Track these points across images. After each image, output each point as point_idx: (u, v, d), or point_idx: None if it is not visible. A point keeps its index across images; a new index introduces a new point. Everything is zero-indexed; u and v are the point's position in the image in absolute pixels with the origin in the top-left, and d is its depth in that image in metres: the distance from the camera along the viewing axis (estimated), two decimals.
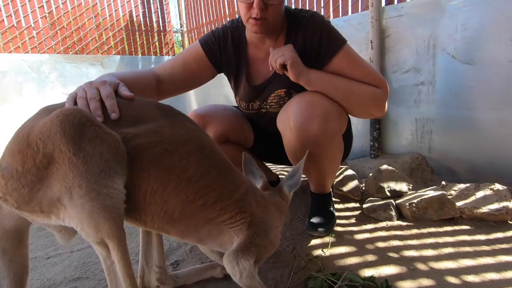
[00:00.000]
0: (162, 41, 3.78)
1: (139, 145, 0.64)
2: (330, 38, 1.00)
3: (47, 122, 0.56)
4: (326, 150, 1.01)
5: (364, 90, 1.00)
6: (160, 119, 0.69)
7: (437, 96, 1.71)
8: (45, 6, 3.12)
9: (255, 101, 1.16)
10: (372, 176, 1.30)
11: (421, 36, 1.72)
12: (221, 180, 0.71)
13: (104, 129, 0.60)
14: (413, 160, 1.78)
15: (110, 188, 0.56)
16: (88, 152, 0.56)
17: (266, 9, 0.93)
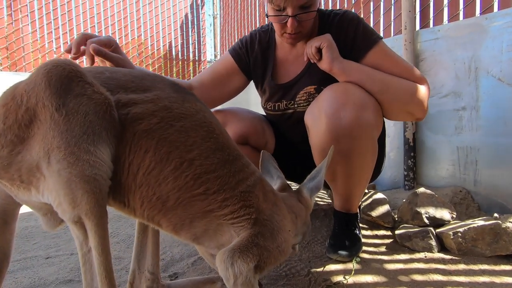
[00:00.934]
0: (197, 70, 3.99)
1: (137, 113, 0.57)
2: (365, 33, 0.96)
3: (34, 72, 0.52)
4: (359, 145, 0.88)
5: (404, 83, 0.91)
6: (170, 93, 0.62)
7: (482, 123, 1.53)
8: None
9: (281, 100, 1.10)
10: (407, 201, 1.13)
11: (460, 59, 1.61)
12: (228, 167, 0.61)
13: (95, 87, 0.54)
14: (456, 194, 1.56)
15: (92, 155, 0.49)
16: (71, 109, 0.50)
17: (299, 25, 0.93)
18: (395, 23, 1.92)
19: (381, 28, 1.99)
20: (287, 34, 0.95)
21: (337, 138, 0.87)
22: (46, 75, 0.50)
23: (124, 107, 0.57)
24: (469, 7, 1.60)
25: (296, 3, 0.90)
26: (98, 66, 0.65)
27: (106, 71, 0.61)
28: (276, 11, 0.93)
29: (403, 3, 1.76)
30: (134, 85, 0.60)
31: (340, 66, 0.91)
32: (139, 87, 0.60)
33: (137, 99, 0.58)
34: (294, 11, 0.91)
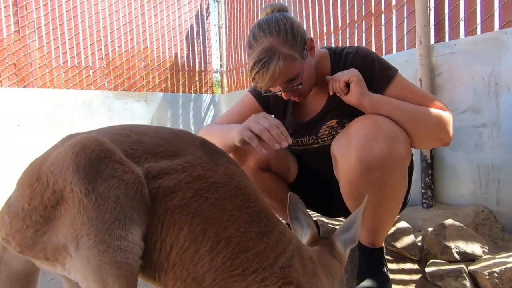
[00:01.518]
0: (203, 80, 3.97)
1: (169, 186, 0.53)
2: (381, 69, 0.96)
3: (61, 153, 0.50)
4: (391, 178, 0.86)
5: (431, 111, 0.92)
6: (201, 157, 0.59)
7: (504, 140, 1.49)
8: (103, 49, 3.47)
9: (304, 136, 1.09)
10: (434, 232, 1.09)
11: (479, 74, 1.56)
12: (266, 241, 0.57)
13: (125, 166, 0.51)
14: (478, 214, 1.51)
15: (124, 240, 0.47)
16: (101, 194, 0.47)
17: (296, 91, 0.97)
18: (409, 36, 1.88)
19: (394, 41, 1.95)
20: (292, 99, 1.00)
21: (368, 170, 0.84)
22: (74, 159, 0.48)
23: (155, 179, 0.53)
24: (486, 21, 1.56)
25: (280, 81, 0.92)
26: (123, 127, 0.62)
27: (132, 133, 0.59)
28: (268, 92, 0.99)
29: (418, 17, 1.72)
30: (163, 150, 0.57)
31: (369, 100, 0.90)
32: (168, 151, 0.57)
33: (168, 168, 0.55)
34: (282, 88, 0.95)
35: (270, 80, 0.89)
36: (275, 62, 0.86)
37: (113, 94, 3.48)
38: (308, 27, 2.67)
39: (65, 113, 3.27)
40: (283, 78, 0.91)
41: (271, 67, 0.86)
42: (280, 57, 0.87)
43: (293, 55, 0.90)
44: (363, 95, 0.89)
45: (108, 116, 3.45)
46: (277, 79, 0.91)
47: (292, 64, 0.90)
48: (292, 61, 0.90)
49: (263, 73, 0.87)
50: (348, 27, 2.27)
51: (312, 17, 2.60)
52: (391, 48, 1.98)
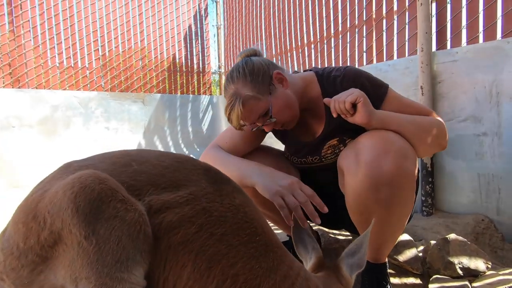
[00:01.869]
0: (201, 81, 3.94)
1: (172, 221, 0.51)
2: (373, 87, 0.97)
3: (59, 192, 0.47)
4: (399, 195, 0.85)
5: (431, 120, 0.96)
6: (206, 188, 0.57)
7: (504, 150, 1.48)
8: (100, 49, 3.43)
9: (307, 156, 1.10)
10: (437, 247, 1.08)
11: (480, 83, 1.55)
12: (273, 277, 0.55)
13: (128, 204, 0.48)
14: (478, 223, 1.51)
15: (126, 283, 0.45)
16: (102, 237, 0.45)
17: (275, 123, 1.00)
18: (410, 42, 1.86)
19: (395, 47, 1.94)
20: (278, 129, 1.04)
21: (377, 187, 0.83)
22: (73, 200, 0.45)
23: (157, 214, 0.51)
24: (489, 30, 1.55)
25: (253, 118, 0.97)
26: (123, 154, 0.59)
27: (133, 162, 0.56)
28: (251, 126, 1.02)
29: (419, 24, 1.70)
30: (165, 180, 0.55)
31: (377, 119, 0.89)
32: (171, 182, 0.55)
33: (171, 201, 0.53)
34: (255, 125, 0.99)
35: (238, 121, 0.97)
36: (237, 105, 0.95)
37: (110, 95, 3.44)
38: (308, 30, 2.65)
39: (61, 115, 3.23)
40: (250, 117, 0.97)
41: (234, 110, 0.95)
42: (241, 99, 0.95)
43: (255, 96, 0.96)
44: (371, 114, 0.88)
45: (105, 117, 3.41)
46: (246, 119, 0.98)
47: (256, 103, 0.96)
48: (255, 100, 0.96)
49: (231, 117, 0.97)
50: (349, 32, 2.25)
51: (313, 21, 2.58)
52: (392, 54, 1.96)
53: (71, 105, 3.28)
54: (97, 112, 3.40)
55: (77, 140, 3.28)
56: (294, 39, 2.80)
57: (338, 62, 2.35)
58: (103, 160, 0.57)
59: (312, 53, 2.61)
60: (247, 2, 3.49)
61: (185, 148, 3.81)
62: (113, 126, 3.46)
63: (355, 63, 2.22)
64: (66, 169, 0.55)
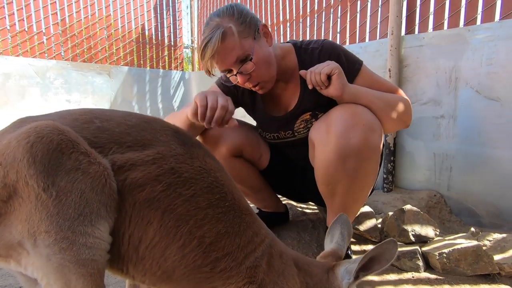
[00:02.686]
0: (172, 56, 3.77)
1: (137, 178, 0.49)
2: (348, 62, 1.00)
3: (12, 142, 0.43)
4: (365, 166, 0.90)
5: (398, 98, 1.00)
6: (175, 149, 0.55)
7: (458, 132, 1.61)
8: (59, 14, 3.12)
9: (279, 131, 1.10)
10: (394, 217, 1.17)
11: (442, 68, 1.65)
12: (238, 241, 0.57)
13: (91, 157, 0.46)
14: (431, 198, 1.66)
15: (90, 237, 0.43)
16: (63, 188, 0.42)
17: (251, 77, 0.95)
18: (381, 26, 1.91)
19: (367, 30, 1.98)
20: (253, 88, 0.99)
21: (344, 157, 0.88)
22: (29, 150, 0.42)
23: (121, 171, 0.49)
24: (453, 17, 1.63)
25: (227, 62, 0.91)
26: (85, 111, 0.55)
27: (96, 119, 0.53)
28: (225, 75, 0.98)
29: (391, 8, 1.75)
30: (131, 139, 0.52)
31: (349, 92, 0.92)
32: (137, 141, 0.53)
33: (136, 159, 0.51)
34: (235, 69, 0.93)
35: (211, 61, 0.89)
36: (216, 36, 0.87)
37: (71, 64, 3.18)
38: (284, 8, 2.60)
39: (14, 84, 2.94)
40: (226, 57, 0.90)
41: (211, 43, 0.87)
42: (222, 30, 0.88)
43: (239, 32, 0.90)
44: (344, 87, 0.90)
45: (66, 89, 3.17)
46: (221, 60, 0.90)
47: (238, 41, 0.90)
48: (237, 37, 0.89)
49: (205, 52, 0.89)
50: (324, 11, 2.25)
51: (289, 0, 2.54)
52: (364, 37, 2.01)
53: (26, 74, 2.99)
54: (56, 82, 3.14)
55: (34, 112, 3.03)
56: (270, 16, 2.75)
57: None
58: (64, 116, 0.53)
59: (288, 31, 2.59)
60: None
61: None
62: (75, 99, 3.23)
63: None
64: (20, 124, 0.51)
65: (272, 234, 0.67)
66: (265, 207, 1.30)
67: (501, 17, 1.48)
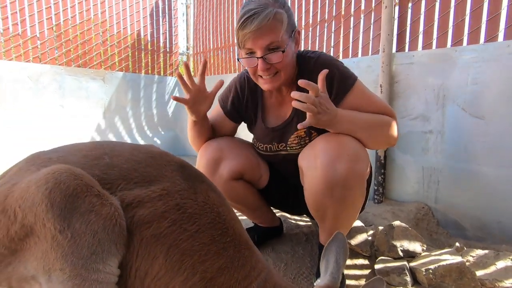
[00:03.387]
0: (167, 62, 3.78)
1: (144, 215, 0.52)
2: (341, 77, 1.00)
3: (31, 187, 0.46)
4: (352, 194, 0.94)
5: (384, 122, 1.00)
6: (180, 184, 0.58)
7: (445, 147, 1.68)
8: (53, 18, 3.11)
9: (273, 143, 1.12)
10: (383, 232, 1.23)
11: (430, 85, 1.72)
12: (236, 276, 0.59)
13: (103, 198, 0.49)
14: (419, 210, 1.72)
15: (101, 273, 0.46)
16: (78, 230, 0.45)
17: (272, 67, 0.95)
18: (373, 42, 1.98)
19: (360, 45, 2.05)
20: (262, 79, 0.98)
21: (331, 187, 0.92)
22: (48, 195, 0.44)
23: (129, 208, 0.52)
24: (441, 37, 1.70)
25: (262, 43, 0.91)
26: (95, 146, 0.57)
27: (105, 155, 0.55)
28: (246, 54, 0.95)
29: (383, 26, 1.82)
30: (137, 175, 0.55)
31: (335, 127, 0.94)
32: (144, 177, 0.55)
33: (143, 196, 0.53)
34: (262, 52, 0.92)
35: (255, 31, 0.88)
36: (267, 12, 0.88)
37: (65, 69, 3.17)
38: None
39: (6, 88, 2.91)
40: (268, 36, 0.90)
41: (262, 15, 0.87)
42: (273, 12, 0.89)
43: (286, 23, 0.92)
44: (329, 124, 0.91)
45: (59, 94, 3.15)
46: (263, 34, 0.89)
47: (281, 28, 0.91)
48: (281, 24, 0.91)
49: (252, 20, 0.87)
50: (319, 25, 2.31)
51: None
52: (357, 52, 2.07)
53: (18, 78, 2.97)
54: (50, 87, 3.12)
55: (27, 116, 3.00)
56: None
57: None
58: (74, 152, 0.55)
59: None
60: None
61: (148, 131, 3.68)
62: (69, 104, 3.22)
63: None
64: (34, 161, 0.53)
65: (268, 267, 0.68)
66: (261, 222, 1.33)
67: (486, 40, 1.56)
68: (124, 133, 3.53)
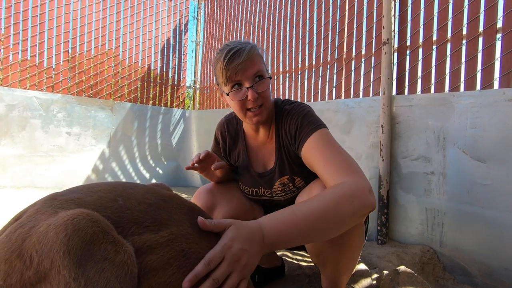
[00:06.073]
0: (174, 95, 3.92)
1: (152, 261, 0.52)
2: (309, 122, 0.97)
3: (50, 233, 0.46)
4: (350, 239, 0.92)
5: (339, 201, 0.71)
6: (186, 228, 0.58)
7: (448, 189, 1.68)
8: (70, 51, 3.28)
9: (259, 187, 1.13)
10: (389, 277, 1.19)
11: (431, 128, 1.77)
12: None
13: (118, 246, 0.49)
14: (424, 253, 1.67)
15: None
16: (91, 278, 0.45)
17: (260, 96, 0.97)
18: (374, 84, 2.07)
19: (361, 87, 2.14)
20: (250, 112, 0.97)
21: None
22: (66, 243, 0.45)
23: (138, 254, 0.52)
24: (439, 82, 1.78)
25: (251, 72, 0.94)
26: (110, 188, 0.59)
27: (120, 197, 0.57)
28: (234, 88, 0.96)
29: (383, 70, 1.91)
30: (148, 218, 0.56)
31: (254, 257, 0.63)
32: (154, 220, 0.57)
33: (152, 240, 0.54)
34: (250, 82, 0.94)
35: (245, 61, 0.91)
36: (249, 47, 0.93)
37: (75, 99, 3.28)
38: (284, 60, 2.80)
39: (17, 115, 2.99)
40: (255, 66, 0.94)
41: (247, 49, 0.92)
42: (255, 47, 0.96)
43: (263, 57, 0.99)
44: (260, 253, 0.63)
45: (67, 122, 3.23)
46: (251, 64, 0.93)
47: (261, 63, 0.97)
48: (261, 58, 0.99)
49: (239, 54, 0.91)
50: (322, 67, 2.43)
51: (289, 52, 2.74)
52: (359, 93, 2.15)
53: (30, 106, 3.07)
54: (59, 115, 3.21)
55: (34, 143, 3.05)
56: (270, 66, 2.94)
57: (310, 94, 2.51)
58: (90, 193, 0.57)
59: (287, 82, 2.76)
60: (228, 24, 3.60)
61: (152, 160, 3.70)
62: (76, 132, 3.28)
63: (325, 96, 2.39)
64: (51, 202, 0.55)
65: None
66: (262, 263, 1.30)
67: (482, 86, 1.63)
68: (127, 161, 3.56)
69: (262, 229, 0.64)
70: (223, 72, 0.94)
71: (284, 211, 0.70)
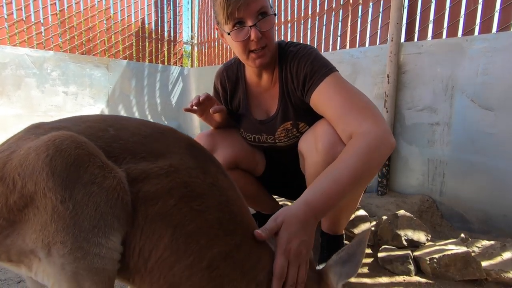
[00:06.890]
0: (171, 51, 3.75)
1: (150, 191, 0.50)
2: (319, 66, 0.92)
3: (31, 154, 0.43)
4: None
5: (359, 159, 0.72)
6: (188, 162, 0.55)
7: (452, 139, 1.65)
8: (58, 4, 3.08)
9: (261, 134, 1.10)
10: (388, 221, 1.21)
11: (439, 76, 1.68)
12: (242, 269, 0.56)
13: (106, 170, 0.46)
14: (423, 203, 1.70)
15: (103, 247, 0.44)
16: (80, 201, 0.43)
17: (263, 36, 0.90)
18: (382, 31, 1.94)
19: (368, 35, 2.01)
20: (253, 53, 0.92)
21: None
22: (49, 163, 0.42)
23: (134, 183, 0.50)
24: (452, 26, 1.66)
25: (254, 8, 0.86)
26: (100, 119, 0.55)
27: (110, 127, 0.53)
28: (235, 27, 0.89)
29: (392, 14, 1.77)
30: (144, 149, 0.53)
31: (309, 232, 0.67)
32: (151, 151, 0.53)
33: (149, 171, 0.51)
34: (253, 20, 0.87)
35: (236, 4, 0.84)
36: None
37: (68, 56, 3.15)
38: (286, 9, 2.61)
39: (11, 74, 2.90)
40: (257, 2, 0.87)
41: None
42: None
43: None
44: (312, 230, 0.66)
45: (63, 81, 3.14)
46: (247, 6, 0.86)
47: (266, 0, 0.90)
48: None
49: None
50: (326, 14, 2.27)
51: (291, 1, 2.55)
52: (365, 42, 2.03)
53: (22, 64, 2.96)
54: (53, 74, 3.11)
55: (31, 103, 3.00)
56: None
57: (313, 44, 2.37)
58: (78, 123, 0.54)
59: (288, 32, 2.60)
60: None
61: (152, 120, 3.67)
62: (72, 91, 3.21)
63: (329, 46, 2.26)
64: (35, 130, 0.52)
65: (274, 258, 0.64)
66: (263, 209, 1.32)
67: (498, 29, 1.51)
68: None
69: (311, 208, 0.65)
70: (224, 8, 0.86)
71: (326, 180, 0.70)
